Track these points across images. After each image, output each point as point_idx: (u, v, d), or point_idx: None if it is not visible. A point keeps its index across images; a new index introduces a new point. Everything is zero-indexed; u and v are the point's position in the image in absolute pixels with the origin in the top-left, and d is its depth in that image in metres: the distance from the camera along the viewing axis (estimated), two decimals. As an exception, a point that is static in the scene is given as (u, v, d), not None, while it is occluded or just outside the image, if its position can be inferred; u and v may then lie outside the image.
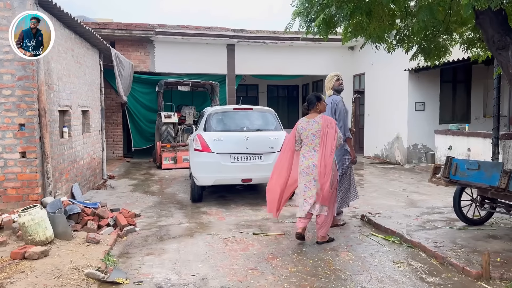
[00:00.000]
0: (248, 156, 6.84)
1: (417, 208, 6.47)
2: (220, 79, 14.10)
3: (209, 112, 7.31)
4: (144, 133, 13.89)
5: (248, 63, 14.15)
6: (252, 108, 7.42)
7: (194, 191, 7.07)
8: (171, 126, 12.33)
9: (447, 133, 9.73)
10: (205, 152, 6.79)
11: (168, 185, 9.07)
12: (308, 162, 4.82)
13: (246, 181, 6.87)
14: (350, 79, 14.93)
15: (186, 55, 13.54)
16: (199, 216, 6.30)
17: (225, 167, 6.73)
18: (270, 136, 7.05)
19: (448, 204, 6.76)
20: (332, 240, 5.00)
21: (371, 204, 7.06)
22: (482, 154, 8.58)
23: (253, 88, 18.47)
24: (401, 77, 11.79)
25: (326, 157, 4.73)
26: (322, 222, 4.86)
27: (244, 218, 6.13)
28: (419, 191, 8.13)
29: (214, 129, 7.06)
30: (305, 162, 4.85)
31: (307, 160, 4.84)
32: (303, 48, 14.39)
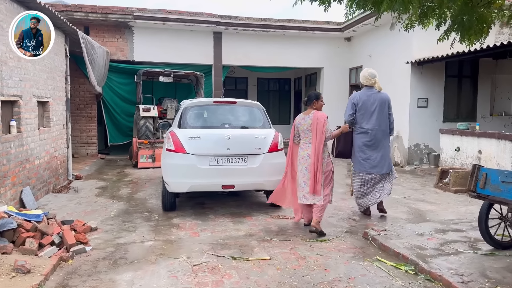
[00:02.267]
0: (230, 158, 5.77)
1: (429, 223, 5.45)
2: (205, 70, 12.98)
3: (185, 106, 6.21)
4: (122, 127, 12.73)
5: (236, 53, 13.03)
6: (236, 101, 6.32)
7: (165, 199, 5.98)
8: (150, 121, 11.20)
9: (455, 133, 8.75)
10: (178, 153, 5.70)
11: (141, 188, 7.96)
12: (304, 152, 5.23)
13: (227, 188, 5.80)
14: (345, 73, 13.92)
15: (168, 42, 12.38)
16: (169, 230, 5.22)
17: (203, 171, 5.65)
18: (256, 134, 5.98)
19: (462, 217, 5.81)
20: (323, 235, 5.01)
21: (373, 215, 6.04)
22: (496, 157, 7.60)
23: (243, 81, 17.35)
24: (402, 71, 10.77)
25: (318, 149, 5.11)
26: (318, 209, 5.11)
27: (223, 234, 5.06)
28: (425, 199, 7.14)
29: (190, 126, 5.97)
30: (301, 153, 5.26)
31: (303, 151, 5.25)
32: (296, 38, 13.30)
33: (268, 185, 5.93)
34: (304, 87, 16.72)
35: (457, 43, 5.30)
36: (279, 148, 6.04)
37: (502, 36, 10.73)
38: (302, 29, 12.86)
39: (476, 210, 6.33)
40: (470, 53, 8.61)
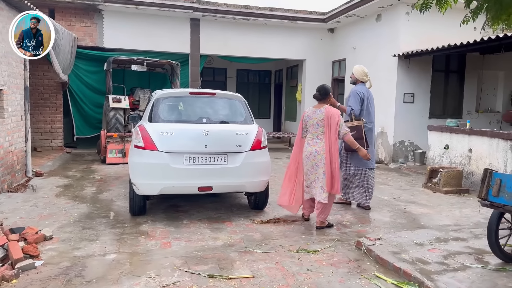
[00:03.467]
0: (208, 157, 5.12)
1: (426, 230, 4.96)
2: (182, 59, 12.22)
3: (157, 97, 5.50)
4: (90, 119, 11.86)
5: (215, 42, 12.31)
6: (215, 93, 5.64)
7: (133, 202, 5.28)
8: (121, 112, 10.38)
9: (444, 130, 8.35)
10: (148, 151, 5.01)
11: (108, 187, 7.22)
12: (311, 148, 5.05)
13: (204, 190, 5.15)
14: (328, 65, 13.40)
15: (142, 28, 11.56)
16: (136, 240, 4.55)
17: (176, 171, 4.99)
18: (238, 130, 5.34)
19: (459, 222, 5.38)
20: (331, 226, 5.13)
21: (363, 219, 5.54)
22: (488, 156, 7.22)
23: (221, 73, 16.63)
24: (389, 64, 10.33)
25: (331, 145, 4.97)
26: (322, 208, 5.00)
27: (199, 245, 4.43)
28: (416, 201, 6.69)
29: (162, 120, 5.27)
30: (309, 148, 5.08)
31: (311, 147, 5.07)
32: (278, 28, 12.68)
33: (250, 186, 5.33)
34: (285, 79, 16.15)
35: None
36: (262, 145, 5.43)
37: (489, 30, 10.39)
38: (285, 18, 12.24)
39: (471, 213, 5.97)
40: (461, 47, 8.24)
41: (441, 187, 7.28)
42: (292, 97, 14.91)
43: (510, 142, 6.79)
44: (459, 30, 10.15)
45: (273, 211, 5.85)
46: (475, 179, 7.49)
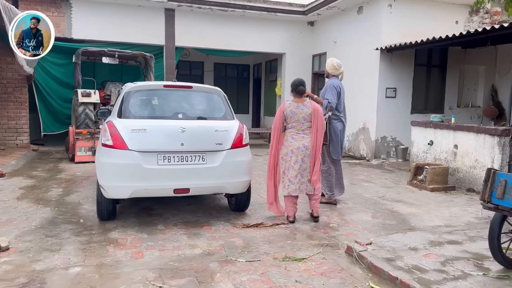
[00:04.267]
0: (185, 156, 4.68)
1: (418, 233, 4.67)
2: (156, 51, 11.66)
3: (127, 90, 5.00)
4: (58, 114, 11.18)
5: (191, 34, 11.80)
6: (192, 86, 5.19)
7: (101, 206, 4.79)
8: (91, 107, 9.78)
9: (428, 126, 8.14)
10: (118, 150, 4.53)
11: (75, 188, 6.68)
12: (298, 143, 4.99)
13: (180, 192, 4.71)
14: (308, 59, 13.08)
15: (113, 19, 10.94)
16: (104, 249, 4.08)
17: (149, 172, 4.53)
18: (217, 127, 4.92)
19: (450, 223, 5.16)
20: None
21: (349, 221, 5.22)
22: (474, 152, 7.04)
23: (198, 66, 16.09)
24: (371, 58, 10.06)
25: (318, 141, 5.02)
26: (317, 200, 5.14)
27: (174, 254, 4.00)
28: (402, 199, 6.43)
29: (133, 115, 4.79)
30: (295, 143, 4.99)
31: (297, 141, 5.00)
32: (257, 20, 12.27)
33: (231, 187, 4.92)
34: (264, 74, 15.75)
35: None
36: (244, 143, 5.03)
37: (471, 24, 10.29)
38: (264, 10, 11.82)
39: (460, 212, 5.73)
40: (446, 39, 8.01)
41: (427, 184, 7.06)
42: (272, 92, 14.54)
43: (497, 137, 6.61)
44: (441, 23, 10.09)
45: (255, 212, 5.47)
46: (461, 176, 7.31)
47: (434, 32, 9.49)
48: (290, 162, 4.99)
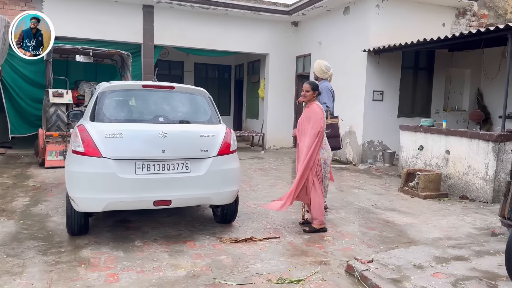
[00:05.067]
0: (166, 164, 4.21)
1: (421, 248, 4.32)
2: (134, 50, 11.10)
3: (101, 90, 4.48)
4: (27, 115, 10.46)
5: (171, 32, 11.27)
6: (173, 87, 4.72)
7: (71, 220, 4.27)
8: (63, 108, 9.14)
9: (418, 130, 7.88)
10: (90, 157, 4.03)
11: (44, 197, 6.10)
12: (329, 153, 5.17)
13: (161, 205, 4.24)
14: (292, 61, 12.73)
15: (88, 14, 10.32)
16: (74, 271, 3.57)
17: (126, 182, 4.04)
18: (202, 131, 4.46)
19: (450, 235, 4.91)
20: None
21: (344, 233, 4.85)
22: (467, 158, 6.80)
23: (178, 66, 15.55)
24: (358, 60, 9.78)
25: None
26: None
27: (155, 276, 3.52)
28: (396, 208, 6.12)
29: (108, 118, 4.28)
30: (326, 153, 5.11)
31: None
32: (240, 19, 11.84)
33: (218, 198, 4.47)
34: (246, 75, 15.33)
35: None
36: (231, 149, 4.59)
37: (458, 27, 10.14)
38: (247, 8, 11.41)
39: (457, 222, 5.44)
40: (434, 42, 7.81)
41: (420, 191, 6.78)
42: (254, 94, 14.14)
43: (492, 143, 6.38)
44: (428, 25, 9.91)
45: (243, 224, 5.04)
46: (453, 182, 7.06)
47: (421, 34, 9.28)
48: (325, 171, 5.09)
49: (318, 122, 4.72)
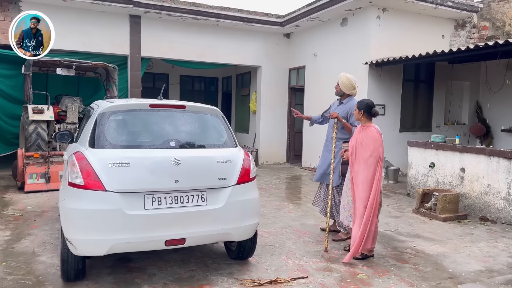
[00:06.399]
0: (180, 196, 3.61)
1: (470, 286, 3.84)
2: (119, 62, 10.43)
3: (101, 110, 3.82)
4: (4, 133, 9.61)
5: (159, 43, 10.66)
6: (185, 106, 4.11)
7: (67, 265, 3.59)
8: (43, 126, 8.40)
9: (428, 146, 7.50)
10: (91, 191, 3.38)
11: (28, 229, 5.35)
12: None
13: (174, 244, 3.62)
14: (285, 74, 12.30)
15: (70, 25, 9.61)
16: (76, 335, 2.91)
17: (134, 219, 3.41)
18: (219, 157, 3.88)
19: (490, 266, 4.48)
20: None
21: (376, 268, 4.33)
22: (486, 177, 6.43)
23: (162, 78, 14.88)
24: (358, 73, 9.32)
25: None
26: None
27: (176, 339, 2.90)
28: (419, 233, 5.65)
29: (111, 144, 3.64)
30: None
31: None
32: (231, 30, 11.35)
33: (238, 234, 3.88)
34: (235, 87, 14.79)
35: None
36: (251, 176, 4.02)
37: (458, 38, 9.93)
38: (239, 19, 10.93)
39: (491, 249, 4.99)
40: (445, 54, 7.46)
41: (438, 213, 6.35)
42: (244, 107, 13.60)
43: (514, 161, 6.03)
44: (428, 37, 9.66)
45: (260, 260, 4.46)
46: (470, 202, 6.68)
47: (421, 46, 9.06)
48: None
49: (377, 150, 4.40)
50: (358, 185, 4.41)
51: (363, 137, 4.54)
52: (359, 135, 4.59)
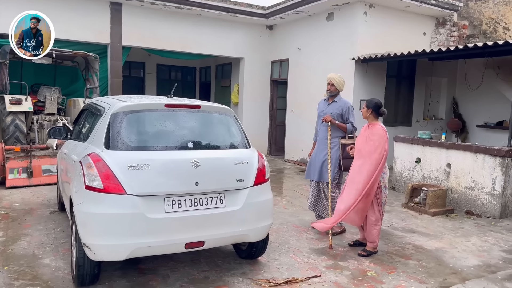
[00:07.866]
0: (199, 199, 3.56)
1: (475, 282, 4.03)
2: (99, 51, 10.05)
3: (114, 110, 3.65)
4: (-24, 125, 9.07)
5: (140, 32, 10.36)
6: (199, 105, 4.00)
7: (83, 270, 3.46)
8: (22, 117, 8.02)
9: (414, 142, 7.73)
10: (112, 194, 3.27)
11: (21, 229, 5.11)
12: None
13: (193, 247, 3.57)
14: (267, 66, 12.25)
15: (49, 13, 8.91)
16: None
17: (155, 223, 3.34)
18: (236, 158, 3.84)
19: (486, 261, 4.72)
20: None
21: (382, 265, 4.45)
22: (471, 173, 6.72)
23: (138, 67, 14.52)
24: (344, 68, 9.46)
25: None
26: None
27: None
28: (413, 228, 5.84)
29: (129, 146, 3.51)
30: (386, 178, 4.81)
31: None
32: (215, 20, 11.18)
33: (254, 235, 3.88)
34: (215, 78, 14.62)
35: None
36: (266, 177, 4.01)
37: (438, 36, 10.22)
38: (223, 9, 10.75)
39: (483, 243, 5.26)
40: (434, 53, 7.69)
41: (428, 208, 6.59)
42: (224, 98, 13.47)
43: (499, 158, 6.32)
44: (410, 34, 9.92)
45: (270, 259, 4.48)
46: (456, 197, 6.97)
47: (404, 42, 9.34)
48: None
49: (382, 147, 4.48)
50: (355, 171, 4.54)
51: (369, 134, 4.63)
52: (365, 133, 4.69)
